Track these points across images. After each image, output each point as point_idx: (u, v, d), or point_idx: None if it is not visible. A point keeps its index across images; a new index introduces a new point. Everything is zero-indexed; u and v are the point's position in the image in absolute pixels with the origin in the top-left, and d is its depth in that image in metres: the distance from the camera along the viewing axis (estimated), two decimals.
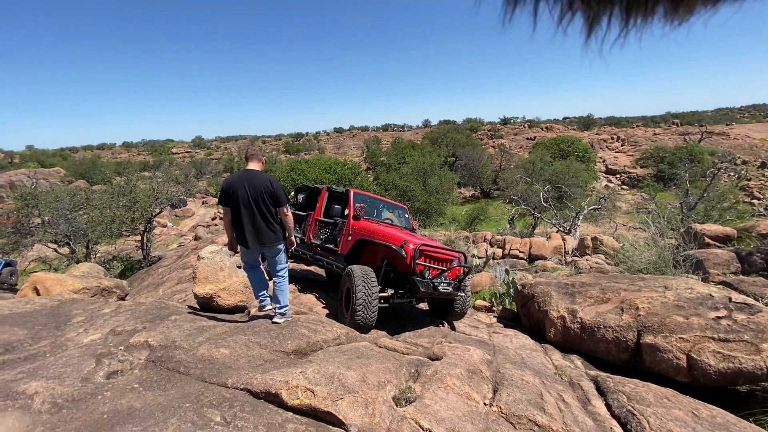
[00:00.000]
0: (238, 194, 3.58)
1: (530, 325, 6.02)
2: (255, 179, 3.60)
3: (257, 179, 3.60)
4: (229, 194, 3.61)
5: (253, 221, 3.57)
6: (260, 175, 3.65)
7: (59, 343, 3.26)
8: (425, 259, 4.78)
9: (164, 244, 20.62)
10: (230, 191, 3.60)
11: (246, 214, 3.57)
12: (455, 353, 3.54)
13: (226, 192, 3.64)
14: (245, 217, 3.58)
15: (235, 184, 3.60)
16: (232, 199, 3.60)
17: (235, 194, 3.59)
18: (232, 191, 3.60)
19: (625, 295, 5.13)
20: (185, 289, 7.69)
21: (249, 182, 3.58)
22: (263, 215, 3.59)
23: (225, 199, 3.65)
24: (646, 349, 4.33)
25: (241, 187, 3.57)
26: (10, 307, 4.92)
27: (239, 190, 3.57)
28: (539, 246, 12.82)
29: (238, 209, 3.59)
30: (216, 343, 3.06)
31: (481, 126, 69.60)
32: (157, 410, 2.17)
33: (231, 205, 3.61)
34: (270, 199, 3.60)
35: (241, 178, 3.62)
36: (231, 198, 3.60)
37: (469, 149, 39.57)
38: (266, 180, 3.62)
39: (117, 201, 12.77)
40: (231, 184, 3.63)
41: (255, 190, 3.57)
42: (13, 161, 56.60)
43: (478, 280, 8.46)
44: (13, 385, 2.31)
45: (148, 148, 79.68)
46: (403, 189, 22.95)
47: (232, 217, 3.63)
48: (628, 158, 43.75)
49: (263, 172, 3.71)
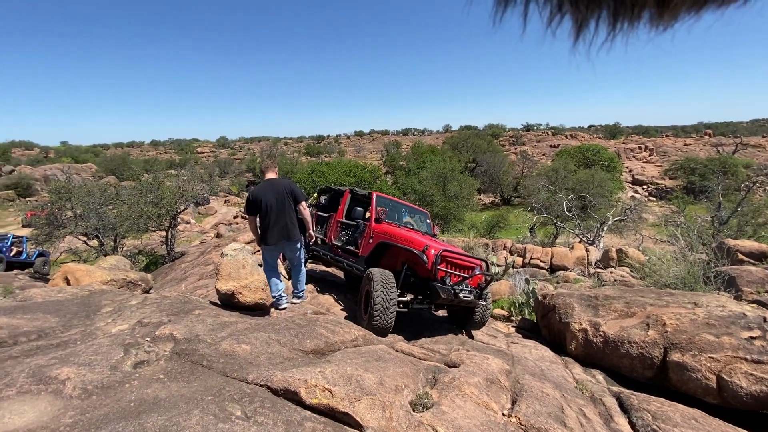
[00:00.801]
0: (266, 200, 4.11)
1: (550, 336, 5.88)
2: (277, 185, 4.18)
3: (278, 184, 4.19)
4: (257, 203, 4.13)
5: (277, 220, 4.10)
6: (280, 181, 4.24)
7: (89, 331, 3.39)
8: (447, 265, 4.73)
9: (187, 241, 21.20)
10: (258, 200, 4.12)
11: (272, 215, 4.11)
12: (473, 361, 3.49)
13: (254, 202, 4.16)
14: (272, 218, 4.11)
15: (262, 193, 4.12)
16: (261, 206, 4.11)
17: (263, 201, 4.11)
18: (260, 200, 4.12)
19: (652, 310, 4.96)
20: (207, 284, 7.88)
21: (272, 188, 4.14)
22: (287, 214, 4.12)
23: (252, 209, 4.19)
24: (673, 368, 4.17)
25: (266, 193, 4.12)
26: (43, 295, 5.16)
27: (266, 196, 4.11)
28: (561, 256, 12.54)
29: (266, 213, 4.11)
30: (238, 338, 3.12)
31: (503, 132, 68.84)
32: (181, 401, 2.23)
33: (260, 211, 4.12)
34: (290, 198, 4.14)
35: (266, 187, 4.17)
36: (259, 206, 4.12)
37: (490, 155, 39.21)
38: (286, 183, 4.23)
39: (144, 197, 13.22)
40: (258, 194, 4.15)
41: (278, 194, 4.13)
42: (48, 156, 59.42)
43: (497, 289, 8.34)
44: (46, 370, 2.41)
45: (174, 147, 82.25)
46: (422, 193, 22.90)
47: (261, 220, 4.12)
48: (657, 169, 42.39)
49: (281, 178, 4.28)
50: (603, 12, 0.59)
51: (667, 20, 0.56)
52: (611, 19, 0.59)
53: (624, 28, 0.59)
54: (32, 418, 2.02)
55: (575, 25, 0.60)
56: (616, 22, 0.59)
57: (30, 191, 35.10)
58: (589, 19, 0.60)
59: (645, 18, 0.57)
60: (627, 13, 0.57)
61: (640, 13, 0.57)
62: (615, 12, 0.58)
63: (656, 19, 0.57)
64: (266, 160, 4.54)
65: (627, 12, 0.57)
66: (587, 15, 0.59)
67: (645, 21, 0.57)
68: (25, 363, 2.53)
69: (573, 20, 0.60)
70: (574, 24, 0.60)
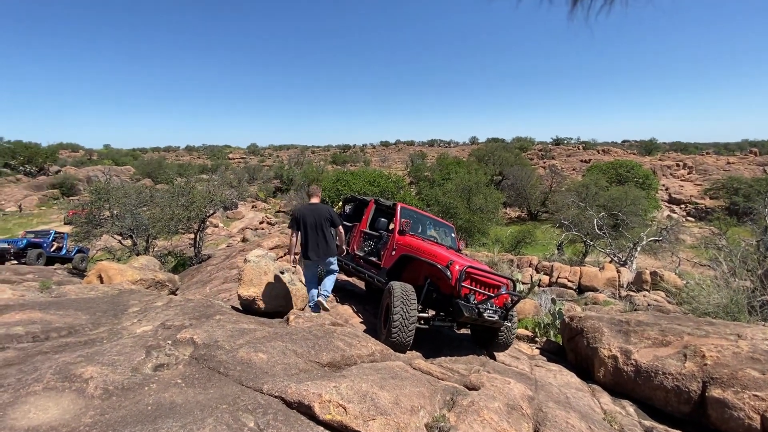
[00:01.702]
0: (307, 221, 4.72)
1: (576, 361, 5.61)
2: (318, 210, 4.80)
3: (319, 210, 4.81)
4: (299, 220, 4.74)
5: (317, 240, 4.70)
6: (321, 206, 4.88)
7: (115, 330, 3.50)
8: (471, 282, 4.58)
9: (214, 244, 21.83)
10: (300, 218, 4.74)
11: (311, 234, 4.70)
12: (494, 385, 3.35)
13: (297, 219, 4.77)
14: (311, 237, 4.70)
15: (304, 213, 4.77)
16: (301, 224, 4.72)
17: (304, 221, 4.73)
18: (302, 218, 4.74)
19: (689, 339, 4.65)
20: (230, 288, 8.03)
21: (314, 211, 4.76)
22: (324, 235, 4.72)
23: (295, 224, 4.78)
24: (713, 404, 3.87)
25: (308, 215, 4.74)
26: (77, 292, 5.38)
27: (308, 218, 4.73)
28: (590, 276, 12.05)
29: (306, 232, 4.71)
30: (255, 347, 3.13)
31: (532, 145, 67.59)
32: (196, 408, 2.24)
33: (300, 228, 4.73)
34: (328, 222, 4.75)
35: (309, 209, 4.80)
36: (300, 223, 4.73)
37: (517, 168, 38.50)
38: (325, 209, 4.84)
39: (176, 200, 13.72)
40: (301, 213, 4.78)
41: (318, 218, 4.74)
42: (92, 158, 63.01)
43: (521, 308, 8.07)
44: (72, 367, 2.48)
45: (207, 153, 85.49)
46: (446, 205, 22.68)
47: (302, 236, 4.73)
48: (696, 188, 40.38)
49: (322, 204, 4.91)
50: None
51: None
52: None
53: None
54: (55, 414, 2.07)
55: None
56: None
57: (73, 191, 37.27)
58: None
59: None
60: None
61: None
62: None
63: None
64: (313, 186, 5.71)
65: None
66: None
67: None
68: (54, 359, 2.61)
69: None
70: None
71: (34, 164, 44.37)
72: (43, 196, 35.53)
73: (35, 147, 46.57)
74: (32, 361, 2.62)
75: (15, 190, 35.77)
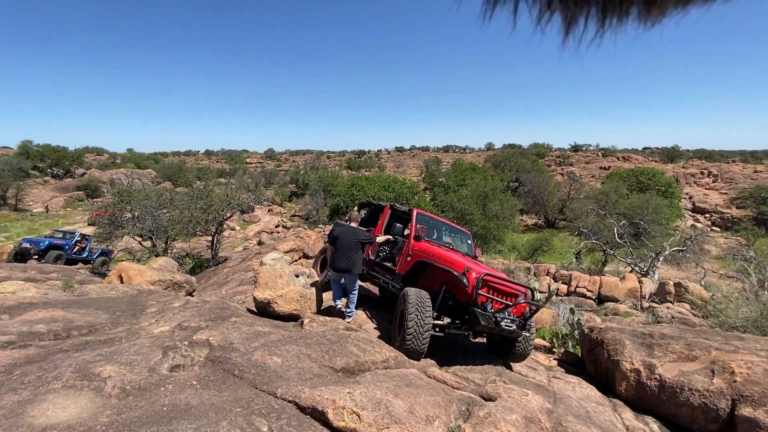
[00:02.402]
0: (344, 240, 5.30)
1: (596, 373, 5.42)
2: (355, 232, 5.42)
3: (356, 232, 5.43)
4: (337, 239, 5.33)
5: (347, 257, 5.25)
6: (358, 230, 5.50)
7: (134, 330, 3.55)
8: (488, 290, 4.49)
9: (231, 246, 22.12)
10: (338, 238, 5.33)
11: (344, 251, 5.26)
12: (511, 396, 3.26)
13: (335, 238, 5.36)
14: (343, 255, 5.24)
15: (342, 233, 5.36)
16: (338, 241, 5.34)
17: (341, 239, 5.31)
18: (340, 237, 5.34)
19: (717, 355, 4.44)
20: (245, 291, 8.10)
21: (351, 233, 5.37)
22: (354, 254, 5.28)
23: (332, 241, 5.41)
24: (743, 423, 3.67)
25: (345, 235, 5.33)
26: (98, 291, 5.50)
27: (345, 238, 5.31)
28: (611, 286, 11.71)
29: (340, 248, 5.29)
30: (270, 350, 3.12)
31: (549, 152, 66.53)
32: (210, 410, 2.23)
33: (336, 245, 5.34)
34: (360, 244, 5.38)
35: (347, 231, 5.40)
36: (337, 240, 5.34)
37: (534, 175, 37.93)
38: (361, 233, 5.49)
39: (195, 203, 13.99)
40: (340, 233, 5.36)
41: (353, 238, 5.33)
42: (116, 161, 64.92)
43: (539, 317, 7.88)
44: (91, 366, 2.52)
45: (225, 157, 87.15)
46: (461, 211, 22.46)
47: (335, 250, 5.35)
48: (721, 196, 39.00)
49: (359, 228, 5.57)
50: (592, 9, 0.60)
51: (655, 16, 0.58)
52: (600, 15, 0.60)
53: (613, 25, 0.60)
54: (73, 413, 2.09)
55: (565, 22, 0.62)
56: (605, 19, 0.60)
57: (97, 193, 38.44)
58: (578, 16, 0.61)
59: (633, 14, 0.59)
60: (615, 9, 0.59)
61: (628, 10, 0.58)
62: (604, 8, 0.59)
63: (644, 15, 0.58)
64: (353, 212, 6.30)
65: (615, 8, 0.59)
66: (576, 12, 0.61)
67: (633, 17, 0.59)
68: (74, 357, 2.66)
69: (562, 17, 0.62)
70: (564, 21, 0.62)
71: (61, 167, 46.01)
72: (69, 198, 36.76)
73: (63, 150, 48.28)
74: (53, 359, 2.67)
75: (42, 191, 37.13)
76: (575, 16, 0.61)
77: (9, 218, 28.65)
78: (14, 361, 2.61)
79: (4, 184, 32.17)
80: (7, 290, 5.22)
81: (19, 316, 3.60)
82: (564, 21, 0.62)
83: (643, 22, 0.59)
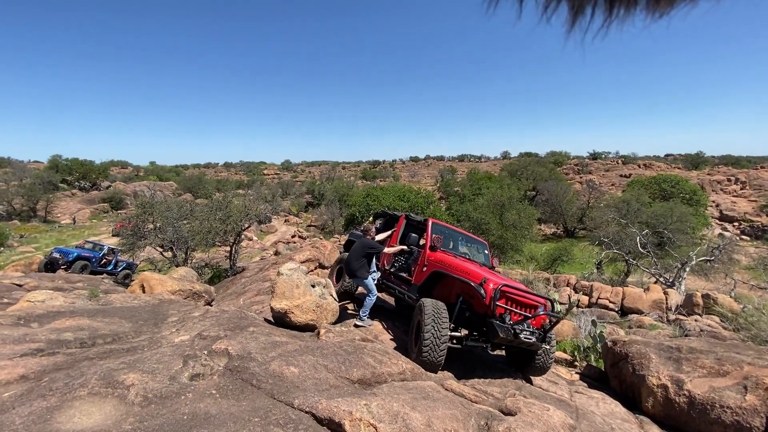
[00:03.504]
0: (354, 249, 5.67)
1: (620, 389, 5.23)
2: (365, 242, 5.76)
3: (366, 243, 5.76)
4: (349, 247, 5.85)
5: (351, 262, 5.61)
6: (370, 241, 5.83)
7: (155, 339, 3.62)
8: (507, 301, 4.40)
9: (248, 256, 22.44)
10: (350, 246, 5.98)
11: (351, 257, 5.62)
12: (531, 411, 3.17)
13: (348, 245, 5.93)
14: (351, 261, 5.62)
15: (355, 243, 5.85)
16: (351, 250, 5.78)
17: (353, 248, 5.72)
18: (352, 247, 5.80)
19: (750, 370, 4.24)
20: (262, 300, 8.18)
21: (361, 243, 5.72)
22: (357, 261, 5.59)
23: (347, 249, 6.06)
24: None
25: (356, 245, 5.72)
26: (121, 300, 5.65)
27: (355, 248, 5.67)
28: (634, 297, 11.34)
29: (349, 254, 5.71)
30: (287, 360, 3.14)
31: (567, 160, 65.47)
32: (229, 420, 2.25)
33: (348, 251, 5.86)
34: (367, 253, 5.67)
35: (358, 240, 5.89)
36: (350, 249, 5.80)
37: (552, 183, 37.32)
38: (372, 244, 5.79)
39: (214, 214, 14.30)
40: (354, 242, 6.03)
41: (362, 247, 5.67)
42: (139, 174, 67.14)
43: (559, 329, 7.66)
44: (115, 374, 2.58)
45: (244, 169, 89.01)
46: (477, 221, 22.21)
47: (346, 259, 5.81)
48: (750, 204, 37.52)
49: (371, 240, 5.88)
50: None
51: (663, 7, 0.57)
52: (607, 5, 0.59)
53: (620, 15, 0.59)
54: (98, 420, 2.14)
55: (571, 12, 0.61)
56: (612, 8, 0.59)
57: (122, 205, 39.76)
58: (585, 5, 0.60)
59: (641, 4, 0.58)
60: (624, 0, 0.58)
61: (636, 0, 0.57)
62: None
63: (652, 6, 0.57)
64: (368, 223, 6.99)
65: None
66: (584, 1, 0.60)
67: (641, 7, 0.58)
68: (99, 365, 2.73)
69: (569, 6, 0.60)
70: (570, 10, 0.61)
71: (88, 180, 47.87)
72: (95, 210, 38.11)
73: (89, 164, 50.27)
74: (79, 366, 2.75)
75: (70, 203, 38.62)
76: (582, 5, 0.60)
77: (38, 229, 29.87)
78: (43, 368, 2.70)
79: (35, 197, 33.63)
80: (37, 299, 5.42)
81: (48, 324, 3.73)
82: (571, 10, 0.61)
83: (651, 12, 0.58)
